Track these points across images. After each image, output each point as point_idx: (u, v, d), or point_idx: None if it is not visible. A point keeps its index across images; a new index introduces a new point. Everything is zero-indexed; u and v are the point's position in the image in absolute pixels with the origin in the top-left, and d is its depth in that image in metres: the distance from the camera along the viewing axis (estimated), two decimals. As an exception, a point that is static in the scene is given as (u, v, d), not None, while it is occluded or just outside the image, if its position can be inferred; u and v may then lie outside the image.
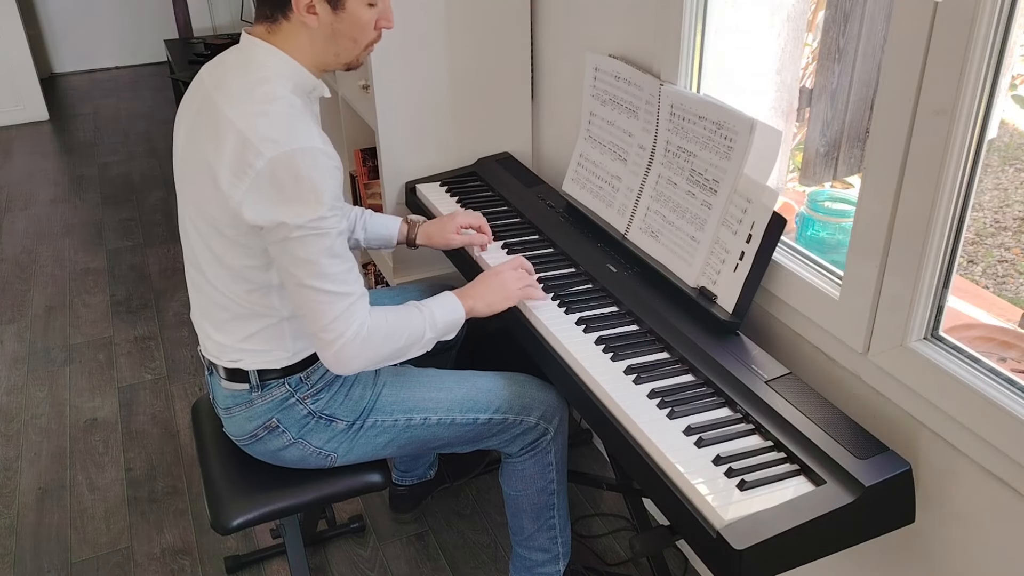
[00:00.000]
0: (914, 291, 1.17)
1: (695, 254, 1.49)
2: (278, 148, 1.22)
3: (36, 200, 3.98)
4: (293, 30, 1.31)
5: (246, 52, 1.33)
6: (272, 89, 1.28)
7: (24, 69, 4.88)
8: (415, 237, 1.76)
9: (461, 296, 1.50)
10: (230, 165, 1.24)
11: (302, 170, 1.22)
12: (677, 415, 1.27)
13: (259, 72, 1.30)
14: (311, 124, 1.28)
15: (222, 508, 1.48)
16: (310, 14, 1.28)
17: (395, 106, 2.02)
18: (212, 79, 1.34)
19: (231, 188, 1.25)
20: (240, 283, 1.36)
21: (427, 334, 1.43)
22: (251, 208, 1.25)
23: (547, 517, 1.68)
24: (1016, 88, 2.25)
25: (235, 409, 1.47)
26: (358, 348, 1.32)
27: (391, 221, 1.77)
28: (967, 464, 1.15)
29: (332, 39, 1.33)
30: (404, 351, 1.41)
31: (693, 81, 1.61)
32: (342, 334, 1.31)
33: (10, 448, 2.39)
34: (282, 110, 1.27)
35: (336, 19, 1.30)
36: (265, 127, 1.24)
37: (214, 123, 1.27)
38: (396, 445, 1.54)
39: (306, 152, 1.23)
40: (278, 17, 1.31)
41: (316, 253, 1.27)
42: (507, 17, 2.05)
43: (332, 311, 1.30)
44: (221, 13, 5.68)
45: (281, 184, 1.23)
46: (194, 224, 1.36)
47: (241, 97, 1.28)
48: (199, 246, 1.37)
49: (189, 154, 1.35)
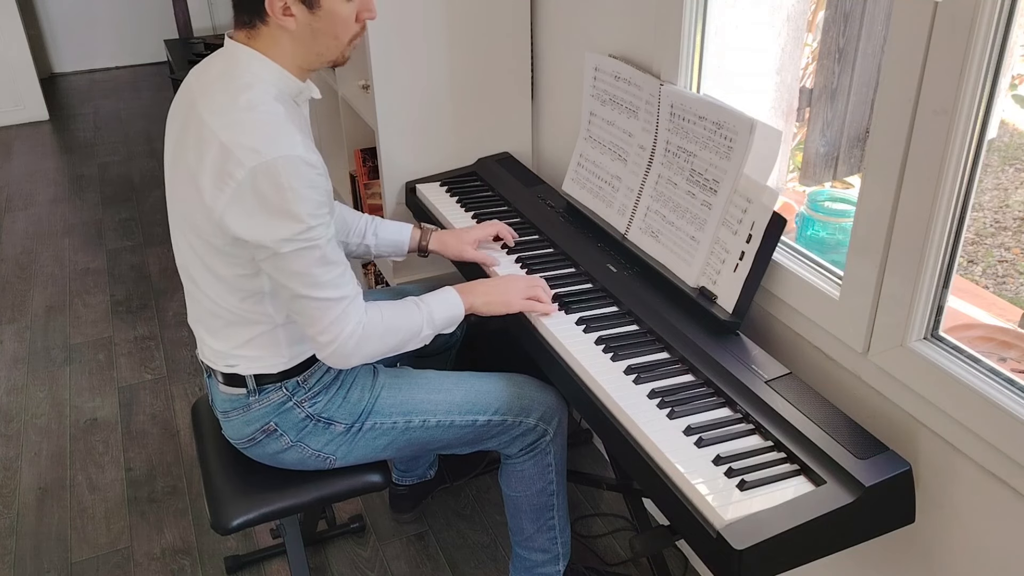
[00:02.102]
0: (914, 291, 1.17)
1: (695, 254, 1.49)
2: (259, 158, 1.20)
3: (36, 200, 3.98)
4: (272, 34, 1.29)
5: (229, 57, 1.31)
6: (254, 96, 1.26)
7: (24, 69, 4.88)
8: (427, 243, 1.75)
9: (463, 292, 1.50)
10: (212, 176, 1.23)
11: (283, 180, 1.21)
12: (677, 415, 1.27)
13: (241, 79, 1.28)
14: (294, 132, 1.25)
15: (222, 508, 1.48)
16: (286, 16, 1.26)
17: (395, 106, 2.02)
18: (198, 85, 1.33)
19: (213, 199, 1.24)
20: (233, 292, 1.35)
21: (424, 330, 1.44)
22: (234, 219, 1.24)
23: (547, 518, 1.68)
24: (1016, 88, 2.25)
25: (233, 413, 1.47)
26: (354, 346, 1.34)
27: (403, 227, 1.76)
28: (967, 464, 1.15)
29: (313, 39, 1.30)
30: (401, 346, 1.43)
31: (693, 81, 1.61)
32: (338, 335, 1.32)
33: (10, 448, 2.39)
34: (264, 118, 1.25)
35: (314, 18, 1.28)
36: (246, 136, 1.22)
37: (197, 132, 1.26)
38: (395, 447, 1.54)
39: (287, 161, 1.21)
40: (255, 22, 1.29)
41: (308, 265, 1.26)
42: (507, 17, 2.05)
43: (328, 316, 1.31)
44: (221, 13, 5.68)
45: (263, 195, 1.21)
46: (183, 235, 1.35)
47: (223, 106, 1.26)
48: (189, 256, 1.36)
49: (175, 164, 1.34)
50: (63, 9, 5.58)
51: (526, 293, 1.53)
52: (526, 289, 1.53)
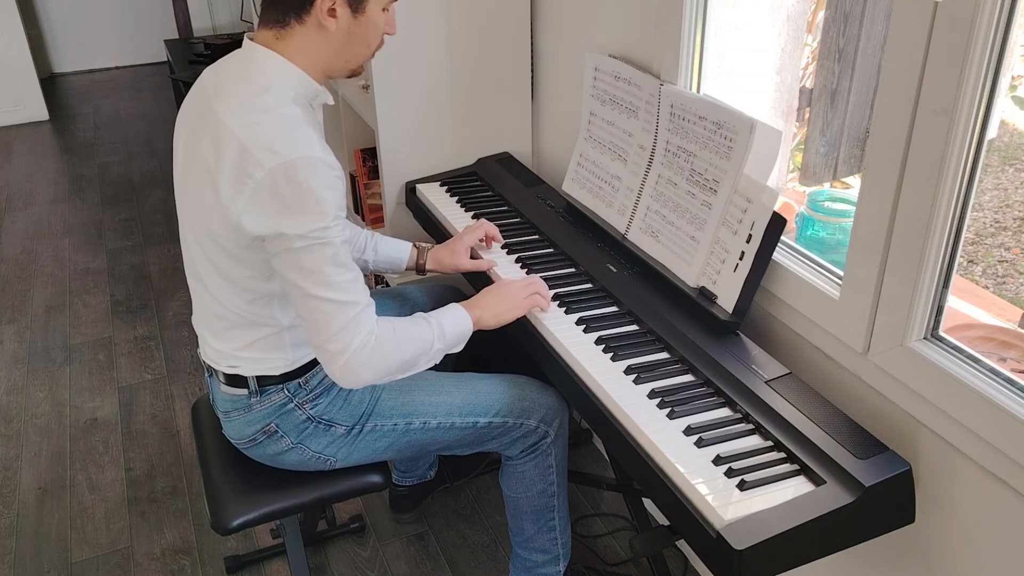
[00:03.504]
0: (914, 291, 1.17)
1: (695, 254, 1.49)
2: (278, 158, 1.20)
3: (36, 200, 3.98)
4: (306, 34, 1.29)
5: (247, 59, 1.31)
6: (273, 98, 1.26)
7: (24, 69, 4.88)
8: (424, 262, 1.75)
9: (468, 307, 1.49)
10: (230, 176, 1.23)
11: (302, 180, 1.20)
12: (677, 415, 1.27)
13: (260, 80, 1.28)
14: (312, 133, 1.26)
15: (222, 508, 1.48)
16: (330, 17, 1.26)
17: (395, 106, 2.02)
18: (213, 85, 1.32)
19: (231, 200, 1.23)
20: (241, 294, 1.35)
21: (436, 344, 1.40)
22: (251, 220, 1.23)
23: (547, 519, 1.68)
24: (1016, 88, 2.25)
25: (234, 413, 1.47)
26: (366, 358, 1.29)
27: (402, 245, 1.76)
28: (967, 464, 1.15)
29: (347, 44, 1.31)
30: (413, 363, 1.38)
31: (693, 81, 1.61)
32: (349, 344, 1.27)
33: (10, 448, 2.39)
34: (282, 120, 1.24)
35: (355, 23, 1.29)
36: (265, 137, 1.22)
37: (214, 132, 1.26)
38: (395, 449, 1.54)
39: (306, 162, 1.21)
40: (290, 20, 1.28)
41: (321, 263, 1.24)
42: (507, 17, 2.05)
43: (338, 321, 1.27)
44: (221, 13, 5.68)
45: (281, 195, 1.21)
46: (195, 235, 1.35)
47: (241, 106, 1.25)
48: (199, 257, 1.36)
49: (189, 164, 1.33)
50: (63, 9, 5.58)
51: (526, 292, 1.53)
52: (525, 288, 1.54)
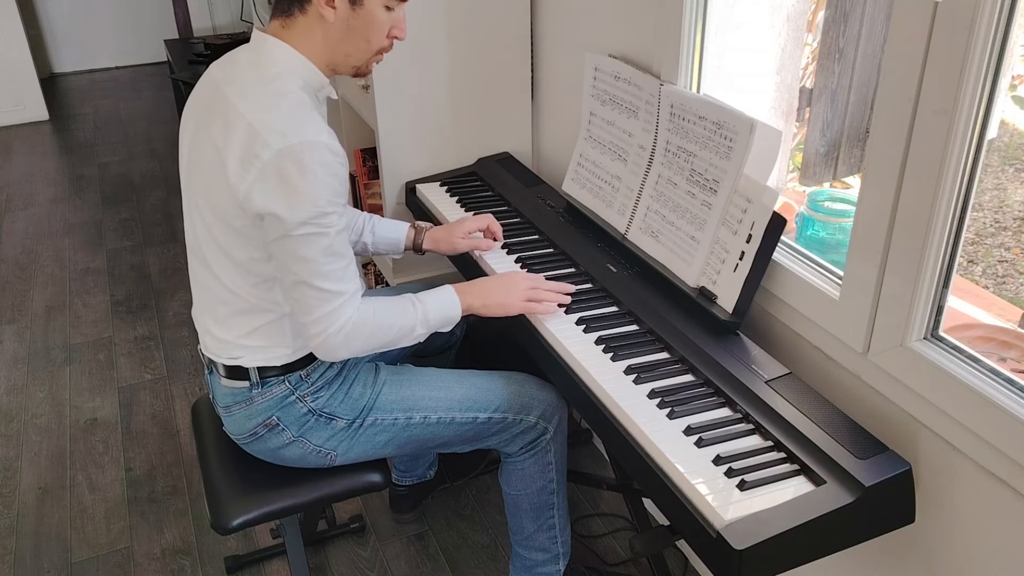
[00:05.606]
0: (914, 291, 1.17)
1: (695, 254, 1.49)
2: (285, 141, 1.24)
3: (36, 200, 3.98)
4: (308, 24, 1.32)
5: (257, 49, 1.35)
6: (284, 84, 1.31)
7: (24, 69, 4.88)
8: (422, 242, 1.77)
9: (461, 292, 1.50)
10: (238, 155, 1.26)
11: (307, 163, 1.24)
12: (677, 415, 1.27)
13: (271, 68, 1.32)
14: (320, 120, 1.30)
15: (222, 508, 1.48)
16: (328, 6, 1.30)
17: (395, 106, 2.02)
18: (223, 75, 1.36)
19: (238, 179, 1.26)
20: (245, 276, 1.37)
21: (417, 329, 1.45)
22: (259, 195, 1.26)
23: (547, 517, 1.68)
24: (1016, 88, 2.25)
25: (235, 407, 1.47)
26: (342, 341, 1.36)
27: (399, 225, 1.78)
28: (967, 464, 1.15)
29: (345, 36, 1.34)
30: (391, 344, 1.44)
31: (693, 81, 1.61)
32: (326, 329, 1.34)
33: (10, 448, 2.39)
34: (292, 105, 1.28)
35: (352, 15, 1.32)
36: (274, 120, 1.25)
37: (224, 115, 1.29)
38: (396, 444, 1.54)
39: (314, 146, 1.24)
40: (294, 10, 1.32)
41: (316, 252, 1.28)
42: (507, 17, 2.05)
43: (321, 308, 1.32)
44: (221, 13, 5.68)
45: (286, 176, 1.24)
46: (201, 215, 1.37)
47: (252, 91, 1.30)
48: (205, 238, 1.38)
49: (198, 144, 1.36)
50: (63, 9, 5.58)
51: (526, 295, 1.52)
52: (526, 291, 1.53)
